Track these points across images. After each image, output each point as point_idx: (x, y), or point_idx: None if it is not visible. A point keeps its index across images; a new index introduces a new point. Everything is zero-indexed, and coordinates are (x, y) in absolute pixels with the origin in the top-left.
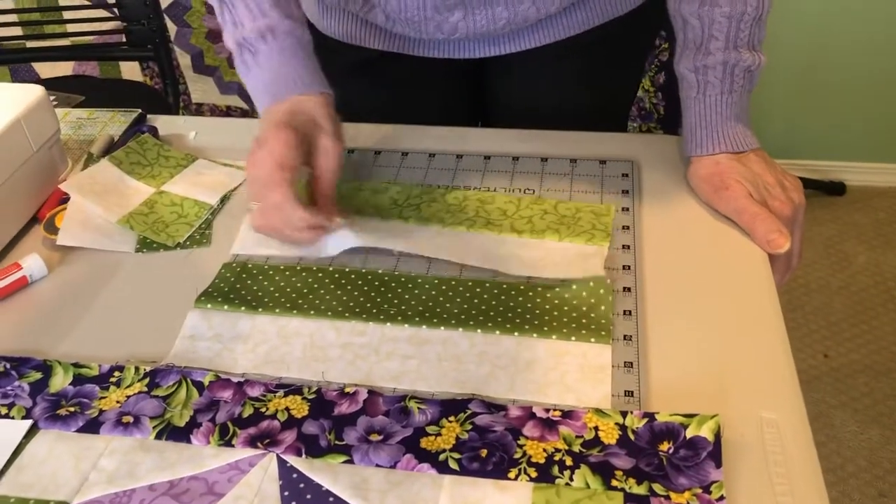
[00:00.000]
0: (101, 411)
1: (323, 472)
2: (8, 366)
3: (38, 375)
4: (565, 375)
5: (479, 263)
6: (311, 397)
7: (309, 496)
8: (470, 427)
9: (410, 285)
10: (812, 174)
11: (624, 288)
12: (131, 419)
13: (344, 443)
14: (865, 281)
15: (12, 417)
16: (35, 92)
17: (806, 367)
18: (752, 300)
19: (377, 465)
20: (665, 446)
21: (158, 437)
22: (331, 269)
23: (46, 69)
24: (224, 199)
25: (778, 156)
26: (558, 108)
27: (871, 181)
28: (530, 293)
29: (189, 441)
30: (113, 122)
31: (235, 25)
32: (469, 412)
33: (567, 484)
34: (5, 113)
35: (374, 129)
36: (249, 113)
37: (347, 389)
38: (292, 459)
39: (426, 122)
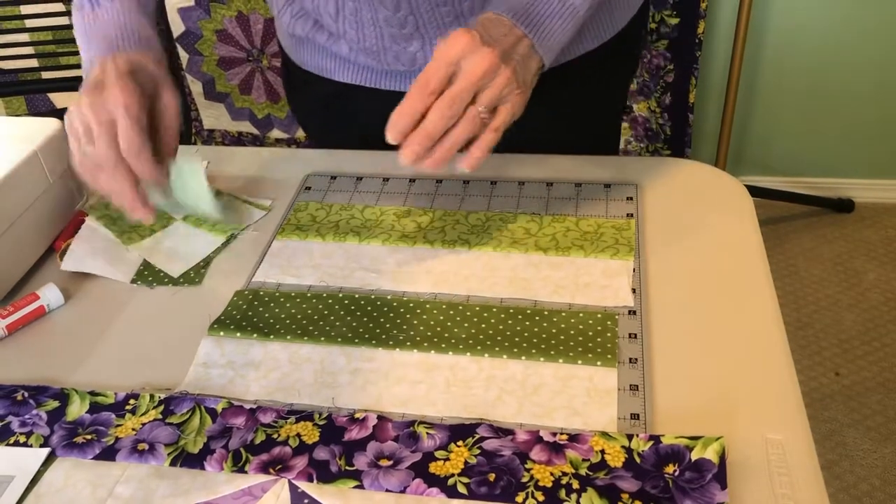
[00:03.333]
0: (117, 439)
1: (334, 497)
2: (26, 394)
3: (56, 404)
4: (572, 399)
5: (516, 294)
6: (321, 423)
7: None
8: (478, 451)
9: (419, 311)
10: (821, 191)
11: (629, 311)
12: (146, 446)
13: (354, 468)
14: (876, 298)
15: (31, 445)
16: (51, 125)
17: (817, 385)
18: (756, 322)
19: (387, 490)
20: (671, 468)
21: (173, 463)
22: (340, 295)
23: (61, 98)
24: (230, 239)
25: (786, 173)
26: (533, 139)
27: (880, 198)
28: (537, 318)
29: (203, 467)
30: None
31: None
32: (477, 436)
33: None
34: (23, 146)
35: (382, 156)
36: (260, 139)
37: (357, 415)
38: (304, 485)
39: None
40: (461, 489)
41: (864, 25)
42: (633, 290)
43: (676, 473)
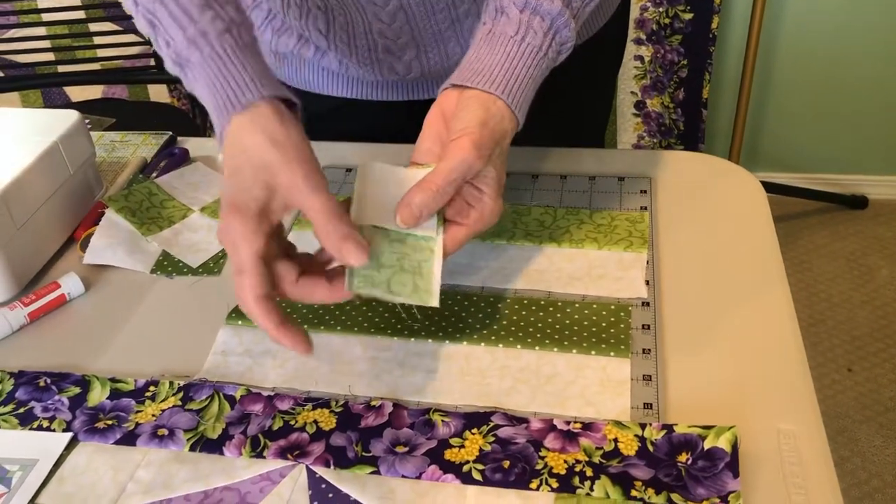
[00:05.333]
0: (138, 424)
1: (351, 483)
2: (49, 381)
3: (77, 390)
4: (585, 389)
5: (529, 286)
6: (338, 410)
7: None
8: (493, 439)
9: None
10: (834, 188)
11: (643, 302)
12: (166, 432)
13: (371, 454)
14: (889, 295)
15: (53, 430)
16: (72, 117)
17: (830, 381)
18: (768, 313)
19: (403, 476)
20: (683, 457)
21: (192, 449)
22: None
23: (77, 92)
24: None
25: (799, 170)
26: (528, 136)
27: (894, 194)
28: (550, 308)
29: (222, 453)
30: (144, 144)
31: (168, 45)
32: (492, 424)
33: (587, 494)
34: (44, 137)
35: (396, 149)
36: None
37: (374, 402)
38: (321, 470)
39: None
40: (476, 476)
41: (879, 21)
42: (647, 282)
43: (689, 462)
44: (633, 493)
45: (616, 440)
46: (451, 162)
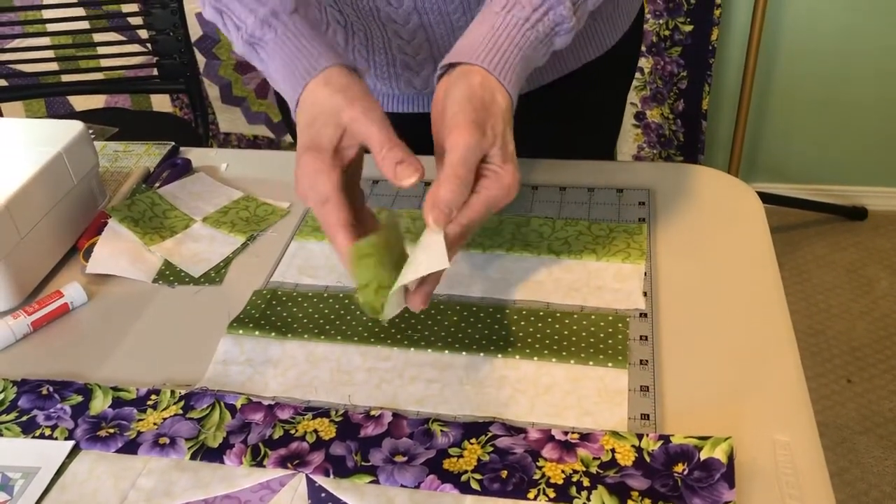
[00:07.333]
0: (139, 433)
1: (350, 492)
2: (51, 389)
3: (80, 398)
4: (583, 399)
5: (528, 297)
6: (338, 420)
7: None
8: (491, 449)
9: (433, 311)
10: (834, 199)
11: (640, 313)
12: (167, 440)
13: (370, 464)
14: (888, 306)
15: (56, 438)
16: (76, 128)
17: (829, 392)
18: (765, 324)
19: (402, 486)
20: (680, 468)
21: (193, 457)
22: (356, 296)
23: (80, 101)
24: (250, 240)
25: (799, 181)
26: (542, 147)
27: (894, 206)
28: (549, 319)
29: (222, 461)
30: (147, 154)
31: (238, 28)
32: (490, 434)
33: None
34: (48, 148)
35: None
36: (276, 143)
37: (373, 412)
38: (321, 479)
39: None
40: (474, 485)
41: (879, 33)
42: (645, 294)
43: (685, 472)
44: (630, 503)
45: (613, 451)
46: (458, 150)
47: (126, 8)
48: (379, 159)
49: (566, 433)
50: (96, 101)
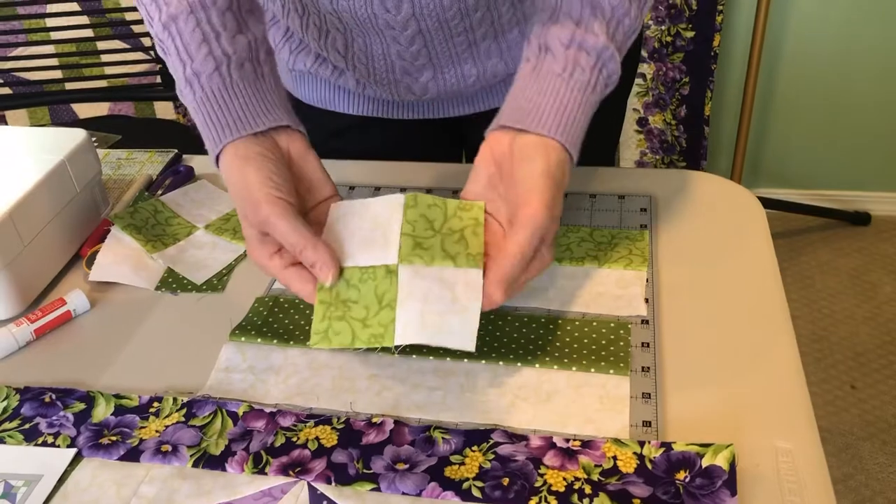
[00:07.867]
0: (142, 440)
1: (351, 500)
2: (53, 396)
3: (82, 406)
4: (585, 406)
5: (530, 303)
6: (340, 427)
7: None
8: (492, 456)
9: None
10: (837, 204)
11: (642, 320)
12: (170, 448)
13: (371, 471)
14: (892, 311)
15: (58, 446)
16: (79, 136)
17: (833, 398)
18: (767, 332)
19: (403, 493)
20: (681, 475)
21: (195, 465)
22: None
23: (83, 109)
24: None
25: (802, 186)
26: None
27: None
28: (551, 326)
29: (224, 469)
30: (150, 161)
31: (182, 62)
32: (491, 442)
33: None
34: (52, 156)
35: (399, 167)
36: None
37: (375, 419)
38: (322, 487)
39: None
40: (476, 493)
41: (881, 38)
42: (647, 300)
43: (687, 480)
44: None
45: (615, 458)
46: (529, 229)
47: (129, 16)
48: (298, 256)
49: (568, 440)
50: (100, 109)
